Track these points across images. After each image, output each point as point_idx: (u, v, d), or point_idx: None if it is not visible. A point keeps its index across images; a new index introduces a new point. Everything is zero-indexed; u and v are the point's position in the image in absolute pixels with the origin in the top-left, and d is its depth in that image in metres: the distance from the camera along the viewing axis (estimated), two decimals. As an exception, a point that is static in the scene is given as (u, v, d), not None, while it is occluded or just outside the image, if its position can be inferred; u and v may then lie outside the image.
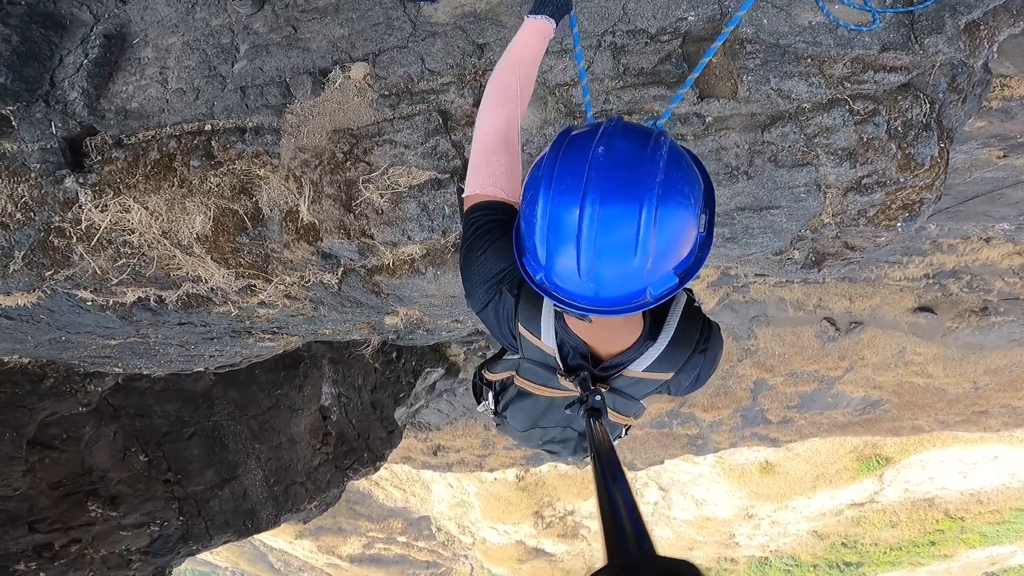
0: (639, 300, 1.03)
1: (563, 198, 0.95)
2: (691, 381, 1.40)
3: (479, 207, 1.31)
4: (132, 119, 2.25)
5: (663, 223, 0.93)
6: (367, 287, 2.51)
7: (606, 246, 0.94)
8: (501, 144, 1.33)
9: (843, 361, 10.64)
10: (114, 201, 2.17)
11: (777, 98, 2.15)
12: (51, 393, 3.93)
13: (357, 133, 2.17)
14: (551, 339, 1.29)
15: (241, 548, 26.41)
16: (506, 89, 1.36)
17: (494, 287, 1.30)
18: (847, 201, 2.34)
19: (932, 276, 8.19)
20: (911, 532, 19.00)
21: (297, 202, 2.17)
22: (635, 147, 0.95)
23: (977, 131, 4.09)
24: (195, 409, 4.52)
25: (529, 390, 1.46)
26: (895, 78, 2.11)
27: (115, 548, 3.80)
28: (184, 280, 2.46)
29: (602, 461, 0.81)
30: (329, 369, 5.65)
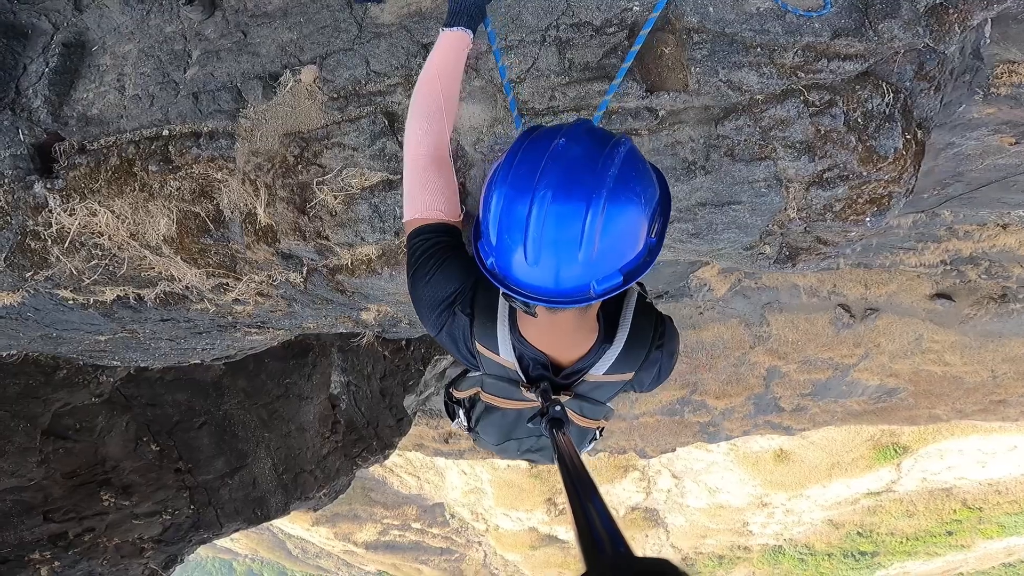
0: (584, 294, 1.05)
1: (517, 188, 0.99)
2: (652, 377, 1.42)
3: (421, 231, 1.32)
4: (93, 125, 2.30)
5: (609, 223, 0.96)
6: (331, 286, 2.56)
7: (553, 239, 0.97)
8: (433, 163, 1.34)
9: (858, 348, 10.49)
10: (80, 205, 2.27)
11: (728, 90, 2.09)
12: (65, 384, 4.01)
13: (307, 136, 2.21)
14: (509, 353, 1.31)
15: (260, 535, 27.01)
16: (432, 106, 1.35)
17: (447, 310, 1.32)
18: (810, 196, 2.26)
19: (949, 263, 8.01)
20: (928, 522, 18.83)
21: (254, 205, 2.24)
22: (593, 148, 0.99)
23: (987, 117, 3.98)
24: (205, 398, 4.60)
25: (495, 404, 1.47)
26: (851, 66, 2.03)
27: (128, 537, 3.89)
28: (159, 279, 2.52)
29: (569, 471, 0.82)
30: (338, 357, 5.70)
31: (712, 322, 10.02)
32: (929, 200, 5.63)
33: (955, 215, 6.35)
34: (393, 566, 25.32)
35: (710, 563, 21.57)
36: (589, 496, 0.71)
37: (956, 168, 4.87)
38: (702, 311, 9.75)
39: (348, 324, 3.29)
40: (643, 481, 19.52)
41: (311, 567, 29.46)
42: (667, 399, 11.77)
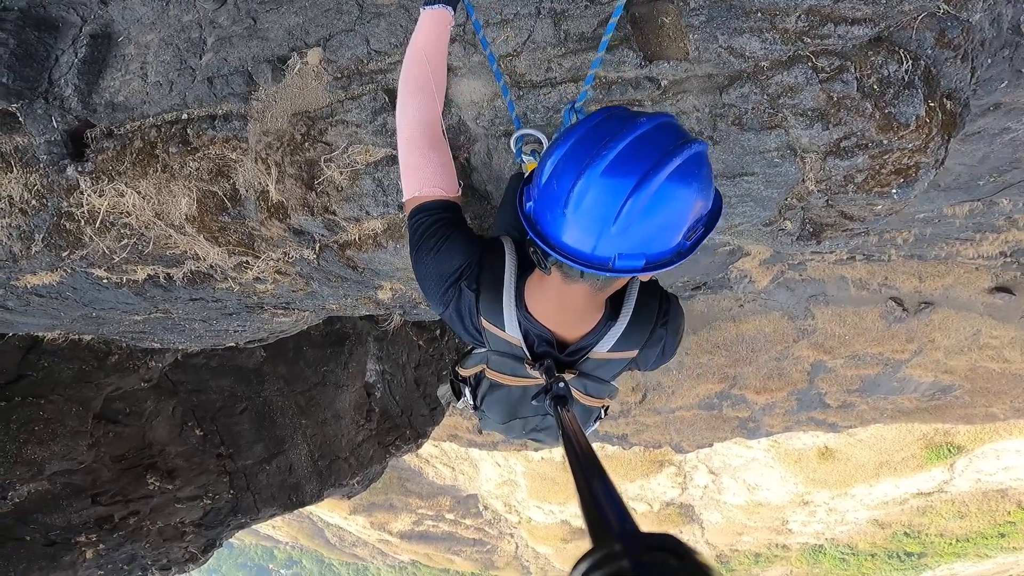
0: (602, 264, 1.05)
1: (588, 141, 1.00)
2: (657, 355, 1.42)
3: (421, 209, 1.33)
4: (119, 111, 2.43)
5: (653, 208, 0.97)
6: (342, 261, 2.63)
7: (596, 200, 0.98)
8: (428, 141, 1.34)
9: (911, 344, 10.02)
10: (109, 187, 2.41)
11: (729, 57, 2.00)
12: (116, 369, 4.17)
13: (313, 115, 2.28)
14: (515, 329, 1.31)
15: (300, 524, 27.87)
16: (419, 83, 1.37)
17: (452, 286, 1.33)
18: (828, 166, 2.16)
19: (1009, 254, 7.55)
20: (980, 523, 18.01)
21: (266, 182, 2.34)
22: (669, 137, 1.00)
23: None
24: (247, 384, 4.71)
25: (501, 381, 1.47)
26: (860, 31, 1.92)
27: (170, 520, 4.02)
28: (185, 258, 2.64)
29: (574, 448, 0.83)
30: (374, 346, 5.76)
31: (753, 315, 9.73)
32: (985, 188, 5.29)
33: (1014, 204, 5.97)
34: (426, 556, 25.74)
35: (746, 560, 21.17)
36: (594, 473, 0.71)
37: (1014, 154, 4.56)
38: (742, 303, 9.48)
39: (369, 305, 3.34)
40: (679, 476, 19.24)
41: (347, 555, 30.26)
42: (705, 393, 11.51)
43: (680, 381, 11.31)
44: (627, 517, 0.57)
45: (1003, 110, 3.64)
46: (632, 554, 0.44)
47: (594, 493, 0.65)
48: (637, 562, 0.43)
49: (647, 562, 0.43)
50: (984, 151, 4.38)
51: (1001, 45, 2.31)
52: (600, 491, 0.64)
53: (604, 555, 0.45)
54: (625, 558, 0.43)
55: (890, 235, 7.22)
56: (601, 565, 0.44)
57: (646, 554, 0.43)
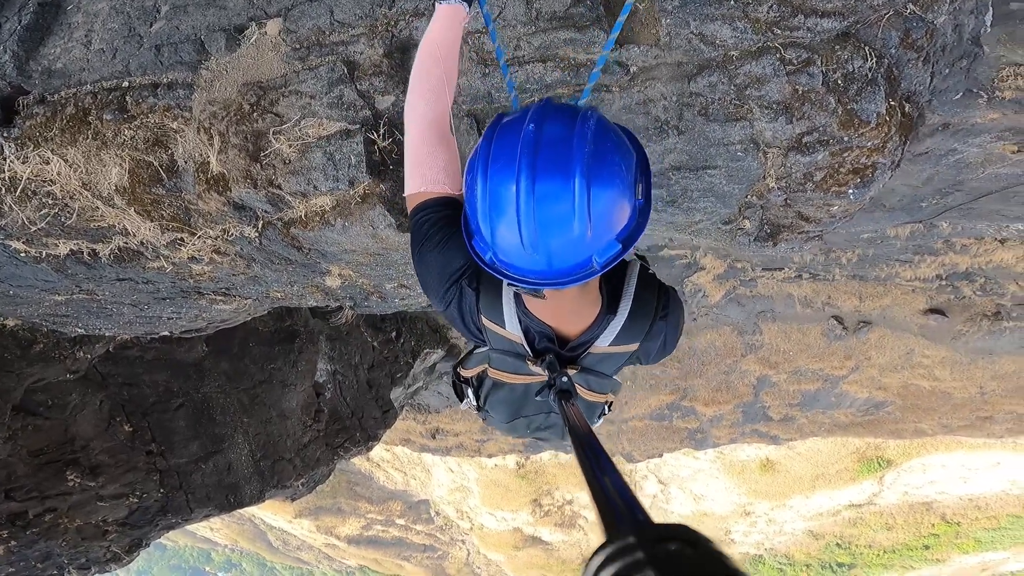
0: (587, 269, 1.05)
1: (499, 176, 0.99)
2: (658, 347, 1.43)
3: (424, 206, 1.31)
4: (55, 78, 2.34)
5: (597, 193, 0.97)
6: (286, 240, 2.57)
7: (545, 219, 0.97)
8: (435, 137, 1.33)
9: (849, 360, 10.49)
10: (34, 153, 2.30)
11: (700, 44, 2.03)
12: (40, 358, 3.89)
13: (265, 85, 2.22)
14: (515, 327, 1.31)
15: (241, 526, 26.79)
16: (430, 80, 1.35)
17: (454, 285, 1.32)
18: (789, 162, 2.21)
19: (945, 277, 8.00)
20: (906, 535, 18.97)
21: (207, 153, 2.27)
22: (563, 123, 1.00)
23: (990, 123, 3.91)
24: (185, 380, 4.48)
25: (503, 380, 1.48)
26: (830, 24, 1.97)
27: (91, 519, 3.78)
28: (113, 233, 2.52)
29: (581, 441, 0.83)
30: (326, 345, 5.60)
31: (705, 328, 9.98)
32: (927, 209, 5.58)
33: (953, 227, 6.31)
34: (375, 561, 25.18)
35: (691, 571, 21.58)
36: (603, 466, 0.71)
37: (956, 176, 4.81)
38: (696, 317, 9.71)
39: (317, 295, 3.25)
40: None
41: (291, 559, 29.26)
42: (656, 404, 11.72)
43: (633, 392, 11.48)
44: (638, 508, 0.57)
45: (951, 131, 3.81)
46: (646, 545, 0.43)
47: (604, 486, 0.64)
48: (651, 553, 0.42)
49: (661, 552, 0.42)
50: (929, 172, 4.59)
51: (960, 55, 2.40)
52: (610, 484, 0.64)
53: (618, 547, 0.44)
54: (639, 549, 0.43)
55: (836, 254, 7.54)
56: (616, 558, 0.43)
57: (660, 544, 0.43)
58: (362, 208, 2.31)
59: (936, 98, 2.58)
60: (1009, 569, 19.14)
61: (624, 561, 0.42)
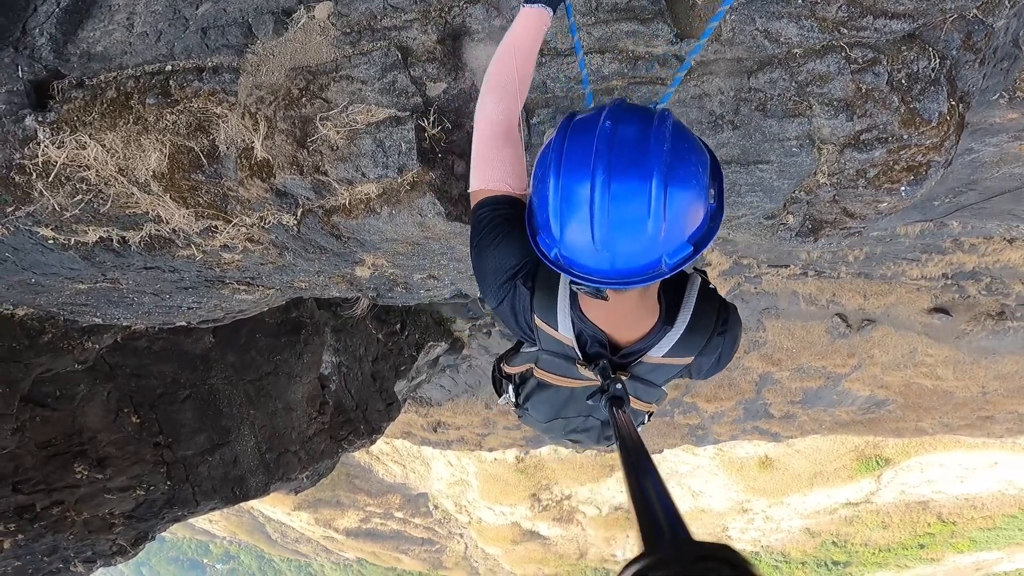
0: (655, 270, 1.04)
1: (574, 173, 0.98)
2: (712, 364, 1.41)
3: (486, 203, 1.32)
4: (95, 62, 2.28)
5: (673, 195, 0.96)
6: (326, 228, 2.54)
7: (619, 218, 0.97)
8: (503, 137, 1.33)
9: (852, 359, 10.49)
10: (71, 138, 2.23)
11: (764, 41, 2.01)
12: (48, 349, 3.86)
13: (314, 70, 2.18)
14: (568, 329, 1.30)
15: (240, 518, 26.85)
16: (505, 80, 1.36)
17: (508, 282, 1.32)
18: (844, 158, 2.20)
19: (951, 276, 7.98)
20: (902, 534, 19.06)
21: (252, 138, 2.20)
22: (639, 123, 0.99)
23: (1008, 123, 3.89)
24: (192, 371, 4.45)
25: (549, 381, 1.47)
26: (898, 26, 1.96)
27: (98, 511, 3.76)
28: (145, 220, 2.48)
29: (629, 450, 0.82)
30: (331, 337, 5.58)
31: (709, 324, 9.97)
32: (940, 208, 5.56)
33: (963, 226, 6.29)
34: (373, 554, 25.26)
35: (687, 567, 21.70)
36: (649, 477, 0.70)
37: (971, 175, 4.79)
38: (699, 313, 9.69)
39: (342, 285, 3.21)
40: (628, 481, 19.53)
41: (289, 552, 29.36)
42: (658, 399, 11.72)
43: (636, 387, 11.48)
44: (680, 523, 0.56)
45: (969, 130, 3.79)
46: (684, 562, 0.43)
47: (647, 496, 0.64)
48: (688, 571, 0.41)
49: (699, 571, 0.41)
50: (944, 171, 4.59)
51: (1003, 56, 2.40)
52: (653, 494, 0.64)
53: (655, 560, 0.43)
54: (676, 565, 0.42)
55: (843, 252, 7.52)
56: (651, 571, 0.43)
57: (698, 563, 0.42)
58: (411, 196, 2.28)
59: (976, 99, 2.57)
60: (1003, 569, 19.25)
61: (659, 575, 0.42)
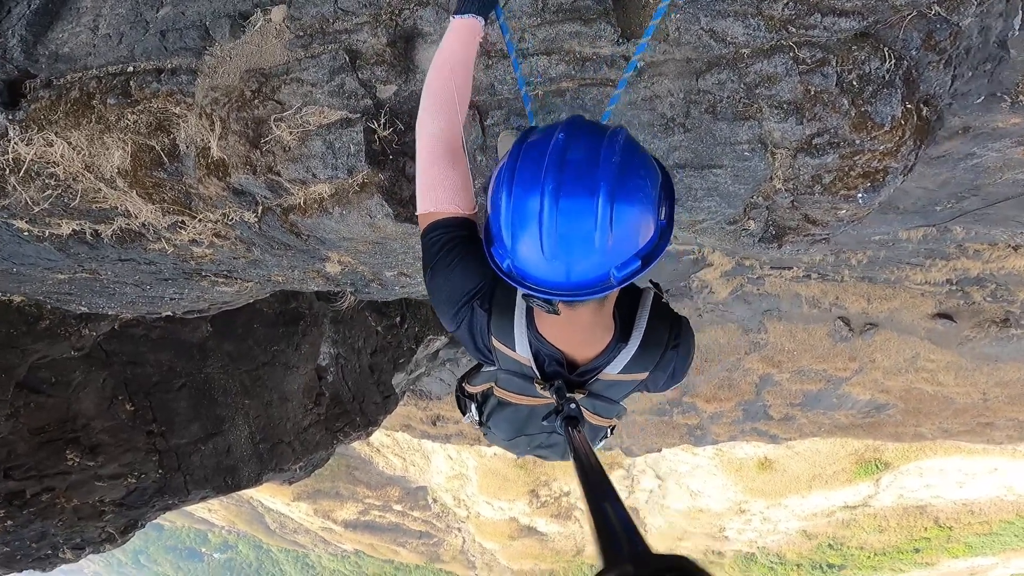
0: (603, 283, 1.05)
1: (525, 187, 1.00)
2: (667, 377, 1.43)
3: (437, 226, 1.30)
4: (61, 63, 2.36)
5: (620, 210, 0.98)
6: (285, 227, 2.58)
7: (567, 232, 0.99)
8: (447, 155, 1.31)
9: (853, 362, 10.45)
10: (38, 136, 2.33)
11: (710, 40, 1.98)
12: (46, 335, 3.87)
13: (267, 72, 2.21)
14: (525, 349, 1.32)
15: (239, 508, 27.01)
16: (442, 95, 1.34)
17: (466, 306, 1.33)
18: (798, 163, 2.17)
19: (955, 282, 7.92)
20: (898, 538, 19.03)
21: (209, 139, 2.26)
22: (592, 139, 1.02)
23: (1012, 128, 3.83)
24: (188, 360, 4.46)
25: (509, 400, 1.48)
26: (847, 24, 1.91)
27: (88, 499, 3.77)
28: (116, 215, 2.54)
29: (585, 469, 0.83)
30: (330, 329, 5.57)
31: (710, 325, 9.93)
32: (942, 213, 5.50)
33: (967, 232, 6.23)
34: (370, 546, 25.38)
35: (683, 566, 21.73)
36: (605, 494, 0.71)
37: (974, 181, 4.73)
38: (701, 313, 9.66)
39: (319, 280, 3.24)
40: (627, 480, 19.58)
41: (287, 542, 29.53)
42: (658, 398, 11.71)
43: (635, 385, 11.46)
44: (638, 538, 0.58)
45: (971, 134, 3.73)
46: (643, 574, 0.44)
47: (605, 514, 0.65)
48: None
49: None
50: (946, 175, 4.52)
51: (984, 58, 2.34)
52: (611, 512, 0.65)
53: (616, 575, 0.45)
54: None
55: (846, 255, 7.47)
56: None
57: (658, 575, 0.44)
58: (360, 197, 2.30)
59: (957, 101, 2.52)
60: (998, 574, 19.19)
61: None
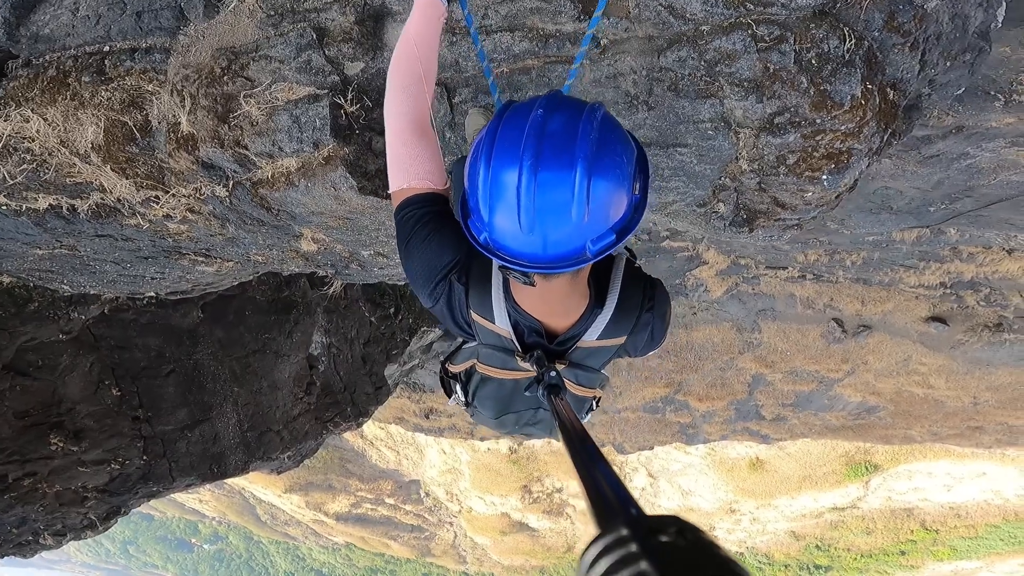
0: (579, 256, 1.07)
1: (504, 160, 1.01)
2: (646, 340, 1.44)
3: (411, 202, 1.31)
4: (41, 43, 2.42)
5: (597, 184, 1.00)
6: (255, 201, 2.58)
7: (544, 205, 1.00)
8: (418, 132, 1.33)
9: (845, 364, 10.48)
10: (15, 112, 2.40)
11: (669, 17, 1.99)
12: (34, 317, 3.84)
13: (237, 50, 2.25)
14: (504, 321, 1.32)
15: (231, 499, 26.95)
16: (409, 75, 1.35)
17: (442, 281, 1.33)
18: (761, 143, 2.17)
19: (949, 286, 7.94)
20: (884, 540, 19.17)
21: (179, 114, 2.32)
22: (570, 114, 1.03)
23: (1006, 128, 3.82)
24: (178, 345, 4.42)
25: (492, 375, 1.49)
26: (806, 1, 1.92)
27: (71, 484, 3.75)
28: (91, 189, 2.60)
29: (571, 436, 0.83)
30: (323, 318, 5.54)
31: (704, 323, 9.94)
32: (936, 214, 5.50)
33: (961, 234, 6.23)
34: (362, 539, 25.39)
35: (672, 566, 21.87)
36: (594, 460, 0.71)
37: (967, 182, 4.73)
38: (695, 311, 9.66)
39: (298, 260, 3.27)
40: (618, 476, 19.59)
41: (278, 534, 29.51)
42: (651, 396, 11.71)
43: (629, 382, 11.47)
44: (631, 501, 0.58)
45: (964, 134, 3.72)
46: (639, 537, 0.43)
47: (595, 479, 0.65)
48: (646, 544, 0.42)
49: (654, 544, 0.42)
50: (940, 176, 4.51)
51: (963, 48, 2.34)
52: (602, 477, 0.64)
53: (612, 540, 0.44)
54: (632, 541, 0.43)
55: (840, 256, 7.47)
56: (610, 550, 0.44)
57: (653, 536, 0.43)
58: (325, 170, 2.34)
59: (936, 92, 2.51)
60: (981, 579, 19.37)
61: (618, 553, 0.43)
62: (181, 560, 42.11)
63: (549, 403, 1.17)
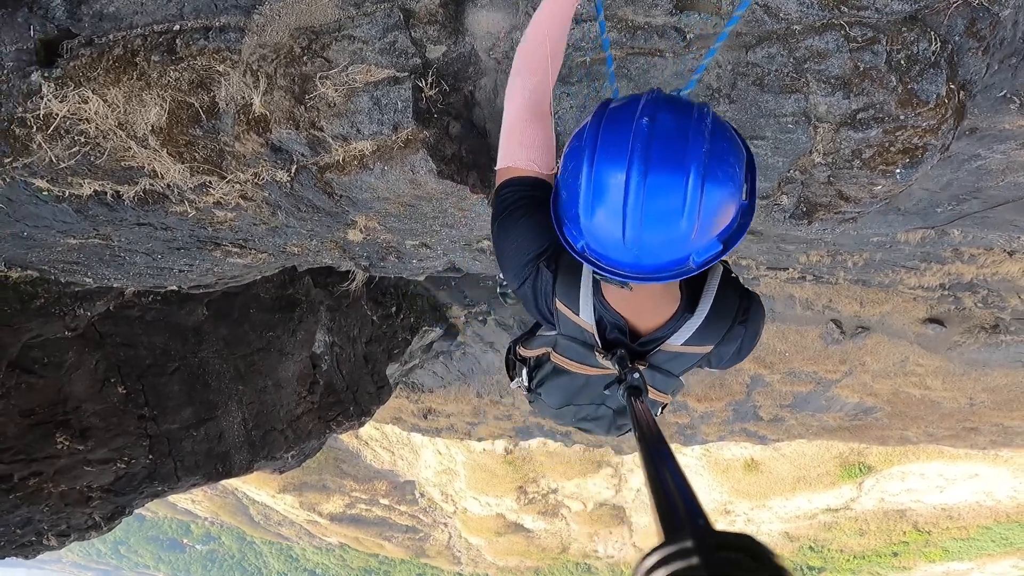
0: (682, 267, 1.03)
1: (610, 164, 0.96)
2: (732, 353, 1.40)
3: (512, 183, 1.30)
4: (106, 21, 2.35)
5: (709, 192, 0.95)
6: (319, 186, 2.57)
7: (652, 214, 0.95)
8: (534, 115, 1.31)
9: (843, 365, 10.55)
10: (74, 92, 2.31)
11: (764, 15, 2.03)
12: (40, 313, 3.78)
13: (318, 30, 2.22)
14: (589, 315, 1.29)
15: (224, 499, 26.75)
16: (536, 58, 1.34)
17: (531, 263, 1.31)
18: (840, 137, 2.22)
19: (948, 287, 7.99)
20: (877, 541, 19.28)
21: (251, 95, 2.29)
22: (680, 118, 0.97)
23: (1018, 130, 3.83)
24: (183, 343, 4.38)
25: (566, 367, 1.45)
26: (899, 7, 1.97)
27: (76, 484, 3.70)
28: (141, 175, 2.55)
29: (648, 440, 0.81)
30: (326, 316, 5.51)
31: (703, 324, 9.98)
32: (942, 215, 5.53)
33: (964, 235, 6.27)
34: (356, 540, 25.27)
35: (665, 568, 21.89)
36: (668, 467, 0.69)
37: (976, 183, 4.75)
38: (695, 312, 9.69)
39: (335, 252, 3.24)
40: (615, 478, 19.62)
41: (272, 534, 29.32)
42: (649, 397, 11.74)
43: (627, 383, 11.47)
44: (700, 512, 0.56)
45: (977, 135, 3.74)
46: (704, 552, 0.42)
47: (666, 486, 0.63)
48: (709, 560, 0.41)
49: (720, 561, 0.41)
50: (949, 177, 4.53)
51: (1011, 52, 2.40)
52: (672, 484, 0.63)
53: (675, 550, 0.43)
54: (697, 555, 0.42)
55: (843, 257, 7.50)
56: (671, 560, 0.42)
57: (719, 552, 0.42)
58: (404, 153, 2.31)
59: (981, 94, 2.55)
60: (973, 581, 19.51)
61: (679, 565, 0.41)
62: (173, 560, 41.76)
63: (628, 405, 1.13)
